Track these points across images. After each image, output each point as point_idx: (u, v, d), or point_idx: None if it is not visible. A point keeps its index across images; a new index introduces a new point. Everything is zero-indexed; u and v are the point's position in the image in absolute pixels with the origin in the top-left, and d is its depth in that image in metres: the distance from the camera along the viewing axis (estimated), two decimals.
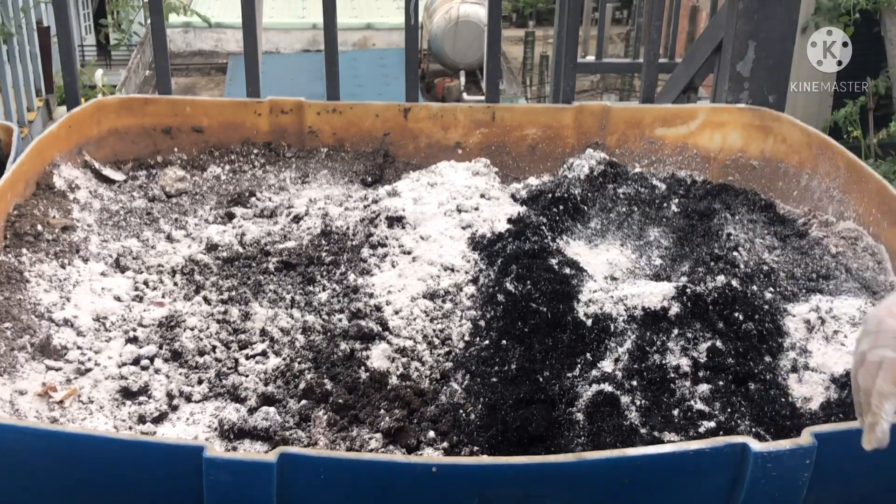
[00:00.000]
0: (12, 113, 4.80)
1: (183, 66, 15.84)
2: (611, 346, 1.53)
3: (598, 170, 2.13)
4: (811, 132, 2.17)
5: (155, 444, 1.23)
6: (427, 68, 16.12)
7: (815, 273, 1.79)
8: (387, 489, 1.15)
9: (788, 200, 2.17)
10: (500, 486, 1.16)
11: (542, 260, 1.71)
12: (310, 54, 15.20)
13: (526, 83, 15.60)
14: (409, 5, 2.56)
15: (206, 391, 1.55)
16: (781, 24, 2.50)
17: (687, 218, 2.01)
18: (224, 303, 1.77)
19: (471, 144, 2.41)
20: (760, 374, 1.47)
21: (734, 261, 1.75)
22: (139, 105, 2.35)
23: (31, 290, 1.70)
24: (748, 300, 1.57)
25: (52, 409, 1.46)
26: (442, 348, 1.63)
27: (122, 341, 1.66)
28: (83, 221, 1.99)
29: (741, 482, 1.18)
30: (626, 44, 14.72)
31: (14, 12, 4.91)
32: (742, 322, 1.54)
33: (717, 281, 1.61)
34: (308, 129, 2.41)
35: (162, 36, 2.54)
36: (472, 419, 1.44)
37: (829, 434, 1.20)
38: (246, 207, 2.18)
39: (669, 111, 2.43)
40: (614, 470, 1.16)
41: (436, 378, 1.56)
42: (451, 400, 1.49)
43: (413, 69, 2.69)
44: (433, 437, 1.42)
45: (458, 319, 1.68)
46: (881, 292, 1.75)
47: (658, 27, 2.77)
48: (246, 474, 1.13)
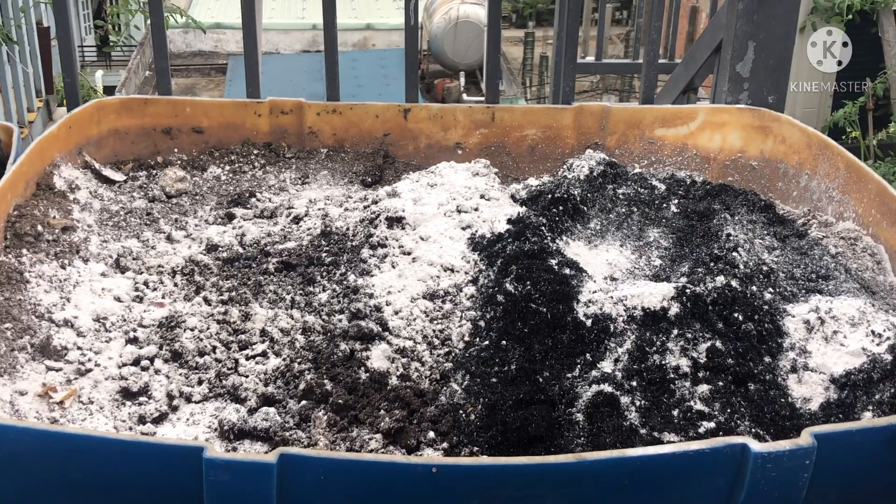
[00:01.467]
0: (12, 113, 4.80)
1: (183, 67, 15.86)
2: (610, 346, 1.53)
3: (597, 170, 2.13)
4: (811, 133, 2.17)
5: (155, 444, 1.23)
6: (427, 69, 16.14)
7: (815, 273, 1.79)
8: (387, 490, 1.15)
9: (788, 201, 2.17)
10: (500, 487, 1.16)
11: (541, 260, 1.71)
12: (310, 55, 15.22)
13: (526, 84, 15.61)
14: (408, 6, 2.56)
15: (206, 392, 1.55)
16: (781, 24, 2.50)
17: (686, 218, 2.01)
18: (224, 303, 1.77)
19: (470, 145, 2.42)
20: (760, 375, 1.47)
21: (734, 261, 1.75)
22: (139, 105, 2.35)
23: (31, 290, 1.70)
24: (748, 300, 1.57)
25: (52, 410, 1.46)
26: (442, 349, 1.63)
27: (122, 342, 1.66)
28: (83, 222, 1.99)
29: (741, 483, 1.18)
30: (626, 44, 14.74)
31: (14, 13, 4.91)
32: (742, 322, 1.54)
33: (716, 281, 1.61)
34: (308, 129, 2.41)
35: (162, 37, 2.54)
36: (471, 419, 1.44)
37: (829, 434, 1.20)
38: (246, 208, 2.18)
39: (669, 112, 2.43)
40: (614, 470, 1.16)
41: (436, 378, 1.56)
42: (451, 400, 1.49)
43: (413, 70, 2.69)
44: (433, 437, 1.42)
45: (458, 320, 1.68)
46: (881, 293, 1.75)
47: (658, 28, 2.77)
48: (246, 475, 1.13)
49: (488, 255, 1.80)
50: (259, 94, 2.55)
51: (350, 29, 16.10)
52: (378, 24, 16.58)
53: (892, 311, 1.62)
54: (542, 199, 2.02)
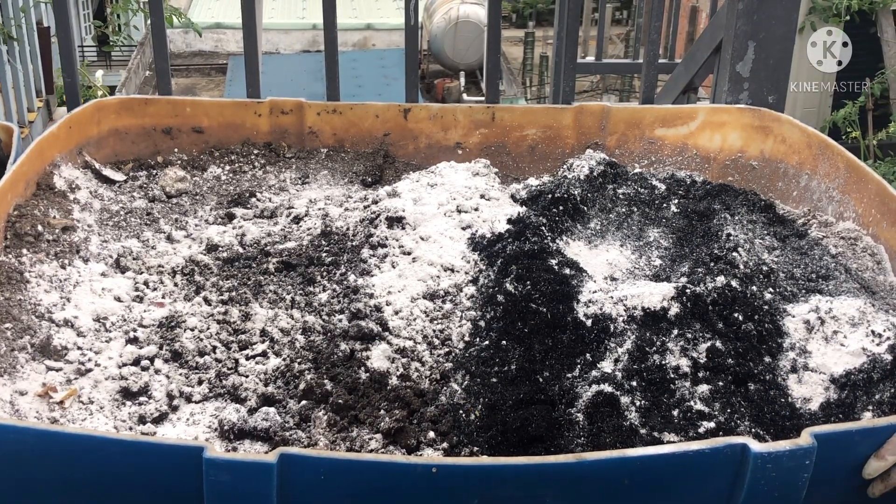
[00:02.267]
0: (13, 113, 4.80)
1: (183, 67, 15.86)
2: (610, 346, 1.53)
3: (597, 170, 2.13)
4: (811, 132, 2.17)
5: (155, 444, 1.23)
6: (427, 69, 16.14)
7: (815, 273, 1.79)
8: (387, 489, 1.15)
9: (788, 201, 2.17)
10: (500, 487, 1.16)
11: (541, 260, 1.71)
12: (310, 55, 15.23)
13: (526, 84, 15.61)
14: (408, 6, 2.56)
15: (207, 391, 1.55)
16: (781, 24, 2.51)
17: (686, 218, 2.01)
18: (224, 303, 1.77)
19: (471, 145, 2.42)
20: (760, 375, 1.47)
21: (734, 261, 1.75)
22: (139, 105, 2.35)
23: (31, 290, 1.70)
24: (748, 300, 1.57)
25: (52, 410, 1.46)
26: (442, 349, 1.63)
27: (122, 342, 1.66)
28: (83, 222, 1.99)
29: (741, 483, 1.18)
30: (626, 44, 14.74)
31: (14, 12, 4.91)
32: (742, 322, 1.54)
33: (716, 281, 1.61)
34: (308, 129, 2.41)
35: (162, 37, 2.54)
36: (471, 419, 1.44)
37: (829, 435, 1.20)
38: (246, 208, 2.18)
39: (669, 111, 2.43)
40: (614, 470, 1.16)
41: (436, 378, 1.56)
42: (451, 400, 1.49)
43: (413, 70, 2.69)
44: (433, 437, 1.42)
45: (458, 320, 1.68)
46: (881, 293, 1.75)
47: (658, 28, 2.77)
48: (246, 475, 1.13)
49: (488, 255, 1.81)
50: (259, 94, 2.55)
51: (350, 29, 16.10)
52: (378, 24, 16.59)
53: (893, 310, 1.62)
54: (542, 199, 2.02)
